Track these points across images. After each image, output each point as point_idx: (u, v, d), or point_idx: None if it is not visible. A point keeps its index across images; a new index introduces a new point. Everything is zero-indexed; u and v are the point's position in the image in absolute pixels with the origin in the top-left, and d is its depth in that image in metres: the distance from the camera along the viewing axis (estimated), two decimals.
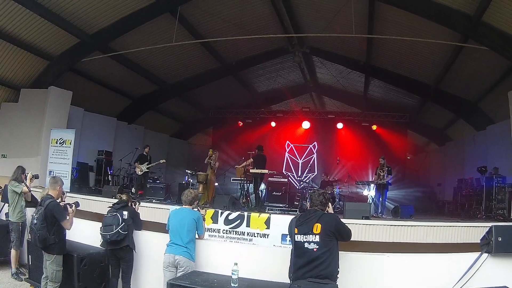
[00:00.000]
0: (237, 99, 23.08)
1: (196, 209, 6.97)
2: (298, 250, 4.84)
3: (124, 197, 7.50)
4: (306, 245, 4.80)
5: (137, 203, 7.97)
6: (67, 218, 6.54)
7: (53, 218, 6.34)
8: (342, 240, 5.02)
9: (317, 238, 4.79)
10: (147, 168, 13.86)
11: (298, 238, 4.86)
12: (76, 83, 15.79)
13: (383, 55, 16.46)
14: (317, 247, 4.78)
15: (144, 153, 14.22)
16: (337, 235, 4.91)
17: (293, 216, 5.38)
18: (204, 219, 6.98)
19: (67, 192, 7.25)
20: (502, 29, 10.91)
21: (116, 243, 6.87)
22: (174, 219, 6.62)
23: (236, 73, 20.25)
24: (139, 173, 13.81)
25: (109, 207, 7.42)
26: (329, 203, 5.26)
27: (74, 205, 6.94)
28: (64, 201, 6.91)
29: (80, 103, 16.14)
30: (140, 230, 7.33)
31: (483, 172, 13.81)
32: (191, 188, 7.19)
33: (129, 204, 7.51)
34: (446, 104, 18.10)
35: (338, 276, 4.87)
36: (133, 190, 13.37)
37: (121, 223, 6.86)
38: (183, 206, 6.84)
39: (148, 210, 9.40)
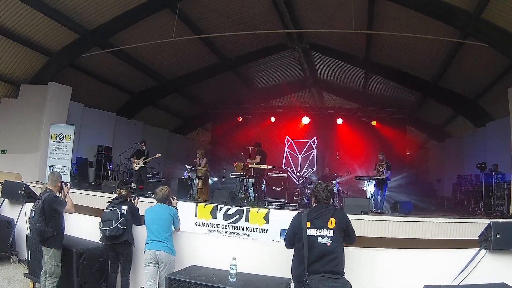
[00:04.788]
0: (237, 94, 23.04)
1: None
2: (309, 245, 4.83)
3: (123, 192, 7.53)
4: (319, 239, 4.80)
5: (136, 198, 8.00)
6: (66, 204, 6.58)
7: (52, 210, 6.37)
8: (348, 239, 5.08)
9: (331, 233, 4.82)
10: (144, 163, 13.83)
11: (311, 232, 4.84)
12: (76, 79, 15.81)
13: (383, 51, 16.43)
14: (331, 241, 4.81)
15: (141, 148, 14.19)
16: (345, 233, 4.97)
17: (299, 211, 5.37)
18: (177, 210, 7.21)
19: (69, 183, 7.24)
20: (502, 26, 10.92)
21: (115, 238, 6.92)
22: (150, 216, 6.79)
23: (236, 69, 20.24)
24: (136, 168, 13.80)
25: (109, 201, 7.45)
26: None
27: (69, 183, 7.10)
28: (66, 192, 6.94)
29: (80, 99, 16.15)
30: (139, 225, 7.35)
31: (483, 169, 13.82)
32: (163, 186, 7.30)
33: (129, 199, 7.55)
34: (446, 101, 18.10)
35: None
36: (132, 185, 13.37)
37: (120, 218, 6.91)
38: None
39: (147, 205, 9.44)
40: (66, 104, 14.88)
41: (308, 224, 4.88)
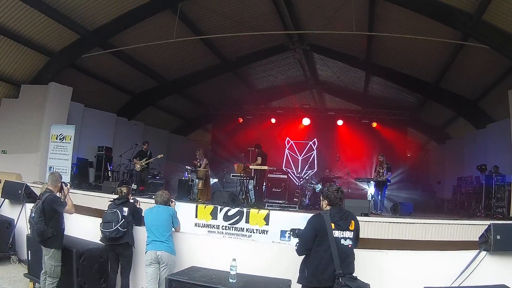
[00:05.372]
0: (237, 95, 23.01)
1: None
2: (332, 244, 4.79)
3: (124, 189, 7.52)
4: (342, 241, 4.80)
5: (138, 201, 8.00)
6: (66, 205, 6.58)
7: (52, 210, 6.37)
8: (356, 242, 5.10)
9: (351, 235, 4.88)
10: (146, 164, 13.81)
11: (336, 234, 4.80)
12: (76, 79, 15.82)
13: (384, 53, 16.44)
14: (351, 243, 4.86)
15: (143, 149, 14.17)
16: (357, 235, 5.05)
17: (315, 214, 5.25)
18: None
19: (69, 184, 7.24)
20: (503, 28, 10.92)
21: (115, 240, 6.95)
22: (150, 217, 6.86)
23: (236, 70, 20.24)
24: (138, 169, 13.78)
25: (110, 201, 7.47)
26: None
27: (69, 184, 7.11)
28: (66, 193, 6.92)
29: (80, 99, 16.16)
30: (140, 226, 7.35)
31: (483, 171, 13.80)
32: (163, 190, 7.44)
33: (129, 196, 7.57)
34: (446, 102, 18.08)
35: None
36: (133, 185, 13.35)
37: (121, 220, 6.92)
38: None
39: (148, 206, 9.46)
40: (66, 105, 14.89)
41: (333, 225, 4.82)
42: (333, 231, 4.79)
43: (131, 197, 7.87)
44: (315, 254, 4.85)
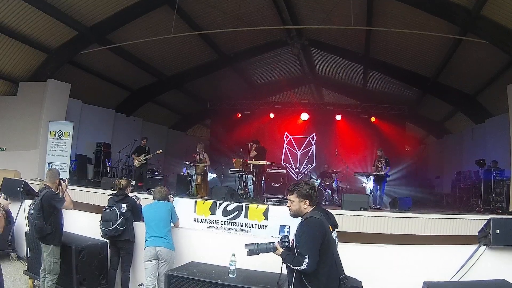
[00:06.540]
0: (236, 90, 22.96)
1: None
2: (335, 248, 4.40)
3: (123, 182, 7.52)
4: (336, 241, 4.42)
5: (138, 198, 7.99)
6: (65, 201, 6.57)
7: (50, 207, 6.36)
8: None
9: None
10: (144, 159, 13.78)
11: (334, 236, 4.39)
12: (75, 76, 15.78)
13: (382, 47, 16.42)
14: (338, 242, 4.51)
15: (141, 145, 14.15)
16: None
17: (310, 217, 4.37)
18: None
19: (67, 180, 7.20)
20: (501, 22, 10.88)
21: (115, 237, 6.96)
22: (149, 213, 6.96)
23: (235, 65, 20.19)
24: (137, 165, 13.76)
25: (110, 195, 7.48)
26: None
27: (67, 180, 7.06)
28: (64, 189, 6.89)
29: (79, 96, 16.14)
30: (139, 222, 7.34)
31: (482, 165, 13.80)
32: (161, 186, 7.43)
33: (128, 189, 7.63)
34: (445, 97, 18.09)
35: None
36: (132, 181, 13.32)
37: (119, 218, 6.93)
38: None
39: (147, 202, 9.45)
40: (65, 101, 14.86)
41: (331, 227, 4.35)
42: (332, 233, 4.34)
43: (131, 193, 7.87)
44: (323, 264, 4.23)
